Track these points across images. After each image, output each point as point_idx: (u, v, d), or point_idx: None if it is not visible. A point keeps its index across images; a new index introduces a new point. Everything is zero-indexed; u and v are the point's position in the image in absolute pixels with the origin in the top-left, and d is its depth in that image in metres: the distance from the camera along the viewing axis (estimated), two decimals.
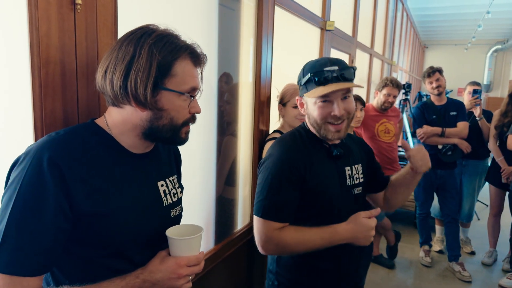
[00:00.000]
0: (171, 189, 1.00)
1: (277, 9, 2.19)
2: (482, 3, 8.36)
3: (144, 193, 0.92)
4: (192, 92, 0.89)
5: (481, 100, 3.52)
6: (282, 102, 2.04)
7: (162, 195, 0.97)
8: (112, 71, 0.83)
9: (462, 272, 3.26)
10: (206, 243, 1.77)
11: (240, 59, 1.95)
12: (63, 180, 0.77)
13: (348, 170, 1.34)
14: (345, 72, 1.19)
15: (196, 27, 1.61)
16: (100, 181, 0.82)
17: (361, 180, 1.38)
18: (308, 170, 1.23)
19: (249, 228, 2.09)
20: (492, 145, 3.39)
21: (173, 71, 0.84)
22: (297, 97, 1.32)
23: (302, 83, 1.25)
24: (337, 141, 1.33)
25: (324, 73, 1.18)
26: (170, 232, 0.91)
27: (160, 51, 0.81)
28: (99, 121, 0.91)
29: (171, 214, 0.98)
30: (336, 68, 1.18)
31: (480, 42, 13.90)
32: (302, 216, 1.25)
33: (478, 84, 3.66)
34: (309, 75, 1.20)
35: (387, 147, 3.23)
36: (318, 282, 1.31)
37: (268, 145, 2.00)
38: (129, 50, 0.82)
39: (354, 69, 1.23)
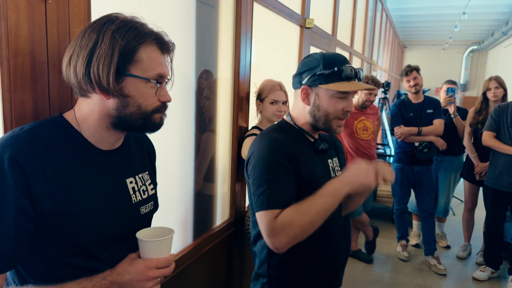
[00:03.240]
0: (141, 186, 0.98)
1: (256, 6, 2.19)
2: (458, 4, 8.58)
3: (111, 190, 0.89)
4: (160, 79, 0.87)
5: (455, 98, 3.61)
6: (260, 98, 2.05)
7: (131, 192, 0.94)
8: (76, 59, 0.81)
9: (437, 265, 3.34)
10: (184, 239, 1.77)
11: (219, 55, 1.95)
12: (24, 179, 0.75)
13: (330, 162, 1.35)
14: (361, 73, 1.25)
15: (173, 22, 1.60)
16: (64, 180, 0.80)
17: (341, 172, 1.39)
18: (299, 159, 1.20)
19: (229, 224, 2.09)
20: (466, 142, 3.48)
21: (138, 57, 0.82)
22: (302, 86, 1.24)
23: (320, 74, 1.20)
24: (316, 135, 1.33)
25: (349, 70, 1.20)
26: (141, 234, 0.89)
27: (123, 37, 0.80)
28: (68, 115, 0.88)
29: (140, 211, 0.96)
30: (354, 67, 1.23)
31: (456, 42, 14.27)
32: None
33: (453, 82, 3.76)
34: (335, 68, 1.19)
35: (365, 144, 3.28)
36: (306, 278, 1.28)
37: (247, 141, 2.00)
38: (92, 37, 0.80)
39: (362, 71, 1.28)
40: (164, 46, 0.87)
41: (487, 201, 3.19)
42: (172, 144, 1.66)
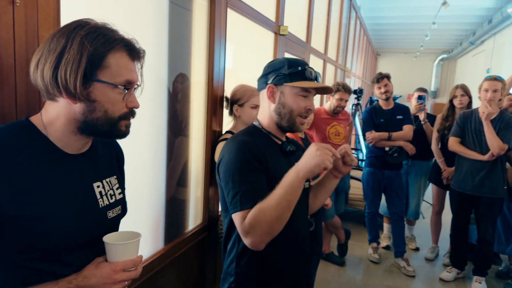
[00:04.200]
0: (108, 191, 0.98)
1: (231, 12, 2.22)
2: (428, 14, 8.90)
3: (77, 195, 0.89)
4: (128, 85, 0.88)
5: (425, 105, 3.75)
6: (239, 103, 2.07)
7: (98, 196, 0.94)
8: (43, 63, 0.81)
9: (406, 267, 3.45)
10: (155, 243, 1.76)
11: (192, 59, 1.96)
12: None
13: None
14: (318, 77, 1.34)
15: (145, 24, 1.60)
16: (29, 184, 0.80)
17: None
18: (268, 160, 1.26)
19: (201, 228, 2.09)
20: (434, 147, 3.62)
21: (106, 63, 0.83)
22: (268, 85, 1.32)
23: (284, 73, 1.29)
24: (284, 138, 1.39)
25: (310, 71, 1.30)
26: (108, 238, 0.89)
27: (92, 43, 0.81)
28: (34, 119, 0.88)
29: (107, 216, 0.96)
30: (315, 70, 1.33)
31: (428, 51, 14.78)
32: None
33: (424, 90, 3.90)
34: (299, 68, 1.28)
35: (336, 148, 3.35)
36: (274, 278, 1.33)
37: (220, 146, 2.02)
38: (61, 41, 0.81)
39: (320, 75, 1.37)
40: (133, 52, 0.89)
41: (453, 205, 3.32)
42: (144, 148, 1.66)
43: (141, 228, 1.67)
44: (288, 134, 1.47)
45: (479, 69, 10.97)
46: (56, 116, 0.86)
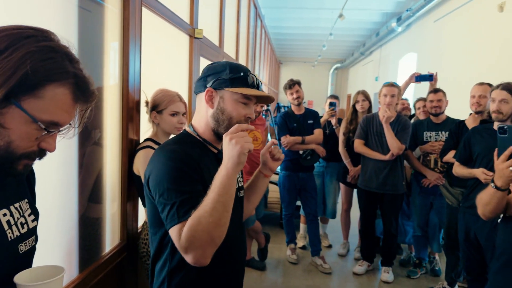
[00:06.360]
0: (18, 218, 0.80)
1: (146, 12, 2.06)
2: (326, 26, 9.61)
3: None
4: (51, 127, 0.73)
5: (336, 111, 3.98)
6: (157, 110, 1.92)
7: (6, 227, 0.76)
8: None
9: (323, 265, 3.60)
10: (68, 272, 1.52)
11: (104, 63, 1.76)
12: None
13: None
14: (260, 85, 1.28)
15: (51, 28, 1.38)
16: None
17: (242, 183, 1.41)
18: (203, 170, 1.16)
19: (120, 249, 1.88)
20: (341, 149, 3.85)
21: (40, 93, 0.69)
22: (207, 89, 1.21)
23: (225, 78, 1.20)
24: (220, 146, 1.30)
25: (252, 78, 1.24)
26: (20, 278, 0.72)
27: (34, 63, 0.66)
28: None
29: (19, 250, 0.78)
30: (256, 77, 1.27)
31: (324, 60, 15.98)
32: None
33: (335, 97, 4.15)
34: (241, 73, 1.21)
35: (256, 154, 3.36)
36: None
37: (140, 155, 1.85)
38: (0, 44, 0.66)
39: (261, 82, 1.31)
40: (80, 94, 0.74)
41: (361, 202, 3.56)
42: (51, 161, 1.42)
43: (51, 256, 1.43)
44: None
45: (369, 77, 12.20)
46: None
